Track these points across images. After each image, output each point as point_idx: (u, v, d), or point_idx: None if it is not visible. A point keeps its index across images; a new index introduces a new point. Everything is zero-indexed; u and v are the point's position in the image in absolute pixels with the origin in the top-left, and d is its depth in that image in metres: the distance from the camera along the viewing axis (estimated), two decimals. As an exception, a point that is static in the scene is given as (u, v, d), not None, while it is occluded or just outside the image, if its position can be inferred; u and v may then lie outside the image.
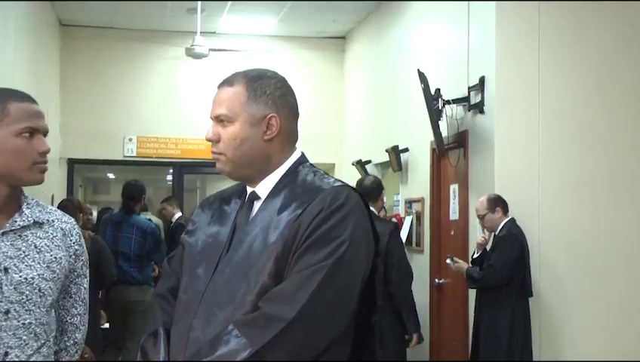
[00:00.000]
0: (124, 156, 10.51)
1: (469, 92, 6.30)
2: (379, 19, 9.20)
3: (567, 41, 6.04)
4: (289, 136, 2.09)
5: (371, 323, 2.05)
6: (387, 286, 5.27)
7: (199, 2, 8.37)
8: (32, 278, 2.14)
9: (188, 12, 9.26)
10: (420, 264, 7.17)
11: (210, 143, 2.08)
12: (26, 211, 2.20)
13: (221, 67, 8.33)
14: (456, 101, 6.42)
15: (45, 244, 2.21)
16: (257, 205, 2.06)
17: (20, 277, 2.13)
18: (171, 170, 11.26)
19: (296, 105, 2.13)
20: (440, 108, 6.41)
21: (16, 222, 2.17)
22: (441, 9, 7.15)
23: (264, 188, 2.07)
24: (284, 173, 2.07)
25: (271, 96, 2.05)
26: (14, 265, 2.13)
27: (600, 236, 5.96)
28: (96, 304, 6.35)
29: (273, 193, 2.05)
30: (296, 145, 2.14)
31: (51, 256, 2.21)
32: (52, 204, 8.03)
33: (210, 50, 8.89)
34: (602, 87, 6.05)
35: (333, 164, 10.74)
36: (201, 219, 2.18)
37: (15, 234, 2.17)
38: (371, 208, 5.31)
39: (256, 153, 2.04)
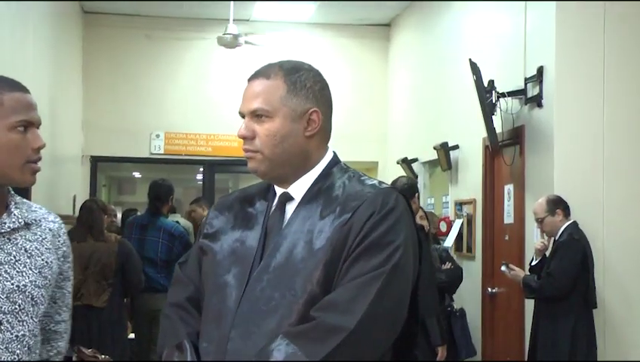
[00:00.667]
0: (151, 153, 10.61)
1: (525, 83, 6.27)
2: (426, 5, 9.19)
3: (637, 25, 5.96)
4: (326, 134, 2.12)
5: (413, 332, 2.08)
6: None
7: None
8: (25, 286, 2.09)
9: (220, -2, 9.32)
10: (471, 271, 7.14)
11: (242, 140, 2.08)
12: (15, 211, 2.14)
13: (255, 57, 8.36)
14: (511, 94, 6.38)
15: (36, 248, 2.15)
16: (291, 207, 2.07)
17: (12, 284, 2.07)
18: (202, 169, 11.35)
19: (332, 101, 2.14)
20: (494, 101, 6.39)
21: (5, 223, 2.10)
22: (495, -7, 7.12)
23: (298, 189, 2.07)
24: (320, 174, 2.09)
25: (311, 90, 2.06)
26: (5, 271, 2.07)
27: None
28: (123, 313, 6.40)
29: (309, 195, 2.06)
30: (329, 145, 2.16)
31: (42, 260, 2.15)
32: (74, 205, 8.13)
33: (244, 38, 8.90)
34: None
35: (377, 163, 10.76)
36: (220, 222, 2.17)
37: (4, 237, 2.11)
38: None
39: (295, 151, 2.05)
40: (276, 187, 2.11)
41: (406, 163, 9.09)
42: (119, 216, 9.49)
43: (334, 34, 10.68)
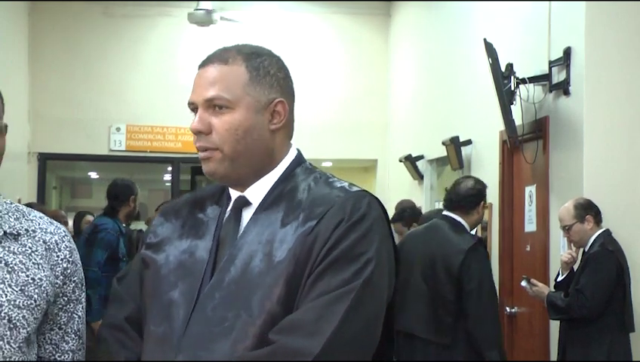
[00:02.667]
0: (111, 150, 10.68)
1: (550, 68, 6.29)
2: (433, -24, 9.23)
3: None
4: (291, 129, 2.15)
5: (386, 357, 2.09)
6: (464, 322, 5.08)
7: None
8: (0, 305, 2.07)
9: (190, -33, 9.34)
10: (486, 288, 7.16)
11: (193, 137, 2.11)
12: None
13: (232, 37, 8.36)
14: (533, 80, 6.41)
15: (20, 262, 2.12)
16: (247, 214, 2.08)
17: None
18: (170, 168, 11.37)
19: (294, 91, 2.17)
20: (513, 89, 6.42)
21: None
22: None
23: (256, 192, 2.09)
24: (282, 175, 2.11)
25: (275, 78, 2.09)
26: None
27: None
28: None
29: (269, 199, 2.07)
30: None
31: (27, 276, 2.12)
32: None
33: (220, 18, 8.93)
34: None
35: (375, 161, 10.81)
36: (166, 230, 2.18)
37: None
38: (464, 223, 5.32)
39: (259, 148, 2.07)
40: (231, 190, 2.13)
41: (410, 161, 9.14)
42: (70, 223, 9.49)
43: (328, 10, 10.74)
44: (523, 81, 6.42)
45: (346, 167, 11.21)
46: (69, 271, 2.22)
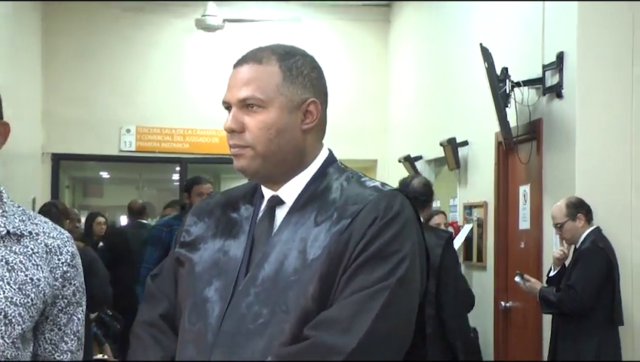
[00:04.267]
0: (121, 151, 10.67)
1: (544, 72, 6.28)
2: (432, -17, 9.22)
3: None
4: (323, 128, 2.11)
5: (419, 355, 2.06)
6: (439, 312, 5.11)
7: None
8: None
9: (198, -25, 9.34)
10: (482, 283, 7.18)
11: (226, 135, 2.05)
12: (0, 220, 2.14)
13: (239, 42, 8.38)
14: (527, 83, 6.40)
15: (20, 261, 2.12)
16: (281, 213, 2.05)
17: None
18: (178, 168, 11.37)
19: (327, 91, 2.13)
20: (507, 91, 6.40)
21: None
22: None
23: (290, 191, 2.05)
24: (314, 174, 2.07)
25: (308, 78, 2.04)
26: None
27: None
28: (87, 330, 6.39)
29: (302, 198, 2.04)
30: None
31: (26, 276, 2.12)
32: (33, 209, 8.15)
33: (225, 20, 8.93)
34: None
35: (375, 161, 10.83)
36: (200, 230, 2.16)
37: None
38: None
39: (291, 147, 2.03)
40: (264, 189, 2.09)
41: (409, 161, 9.13)
42: (83, 220, 9.51)
43: (328, 15, 10.75)
44: (518, 84, 6.40)
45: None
46: (68, 274, 2.21)
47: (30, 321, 2.12)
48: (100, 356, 7.55)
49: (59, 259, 2.18)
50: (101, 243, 9.16)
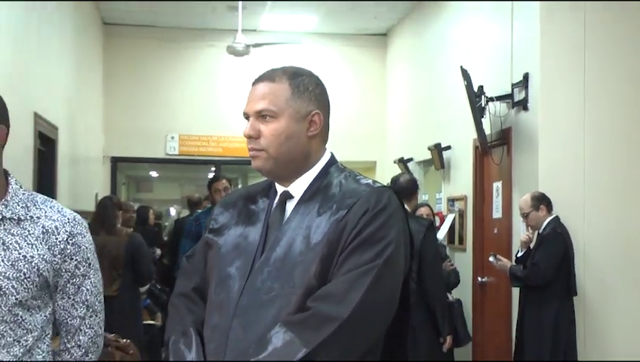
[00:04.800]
0: (167, 154, 10.66)
1: (512, 89, 6.27)
2: (420, 16, 9.20)
3: (615, 35, 5.97)
4: (325, 135, 2.09)
5: (403, 323, 2.05)
6: (421, 285, 5.09)
7: (240, 0, 8.45)
8: None
9: (229, 10, 9.35)
10: (462, 262, 7.17)
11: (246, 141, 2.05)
12: (0, 208, 2.10)
13: (262, 65, 8.38)
14: (499, 98, 6.38)
15: (15, 242, 2.09)
16: (290, 205, 2.04)
17: None
18: (213, 168, 11.36)
19: (330, 105, 2.12)
20: (483, 105, 6.40)
21: None
22: (484, 3, 7.13)
23: (298, 187, 2.04)
24: (318, 173, 2.05)
25: (313, 93, 2.03)
26: None
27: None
28: (135, 301, 6.42)
29: (308, 193, 2.03)
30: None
31: (19, 254, 2.08)
32: (96, 202, 8.25)
33: (252, 46, 8.93)
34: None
35: (375, 163, 10.78)
36: (225, 218, 2.14)
37: None
38: (406, 207, 5.30)
39: (298, 150, 2.01)
40: (277, 185, 2.08)
41: (402, 162, 9.09)
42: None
43: (337, 43, 10.71)
44: (491, 99, 6.40)
45: (351, 167, 11.06)
46: (68, 251, 2.14)
47: (25, 292, 2.08)
48: (152, 322, 7.57)
49: (56, 238, 2.12)
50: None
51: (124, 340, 6.01)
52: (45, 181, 6.60)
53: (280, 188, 2.07)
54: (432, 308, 5.12)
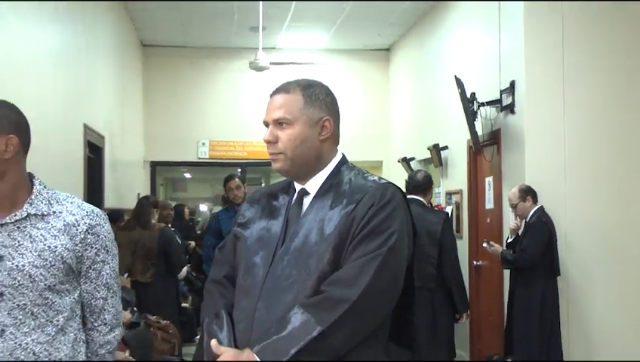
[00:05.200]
0: (198, 158, 10.66)
1: (501, 95, 6.26)
2: (418, 33, 9.19)
3: (591, 48, 5.95)
4: (336, 138, 2.08)
5: (408, 303, 2.03)
6: (441, 270, 5.10)
7: (261, 21, 8.46)
8: (23, 266, 2.07)
9: (250, 30, 9.36)
10: (459, 248, 7.06)
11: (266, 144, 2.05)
12: (26, 206, 2.12)
13: (280, 78, 8.39)
14: (489, 103, 6.38)
15: (40, 234, 2.11)
16: (307, 201, 2.03)
17: (12, 264, 2.06)
18: (239, 170, 11.39)
19: (339, 111, 2.11)
20: (475, 110, 6.40)
21: (15, 216, 2.10)
22: (474, 21, 7.12)
23: (313, 185, 2.03)
24: (331, 172, 2.04)
25: (324, 102, 2.03)
26: (9, 253, 2.07)
27: (619, 222, 5.88)
28: (170, 286, 6.43)
29: (322, 190, 2.02)
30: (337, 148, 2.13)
31: (44, 245, 2.10)
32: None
33: (271, 63, 8.95)
34: (620, 89, 5.95)
35: (381, 162, 10.77)
36: (251, 213, 2.13)
37: (14, 225, 2.10)
38: (422, 200, 5.23)
39: (312, 152, 2.01)
40: (295, 183, 2.07)
41: (405, 161, 9.07)
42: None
43: (345, 57, 10.70)
44: (482, 104, 6.40)
45: (360, 165, 11.04)
46: (88, 240, 2.15)
47: (53, 278, 2.10)
48: (185, 305, 7.62)
49: (77, 230, 2.14)
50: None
51: (164, 321, 6.06)
52: (94, 184, 6.65)
53: (298, 186, 2.06)
54: (450, 290, 5.13)
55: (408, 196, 4.53)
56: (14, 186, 2.12)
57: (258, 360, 1.81)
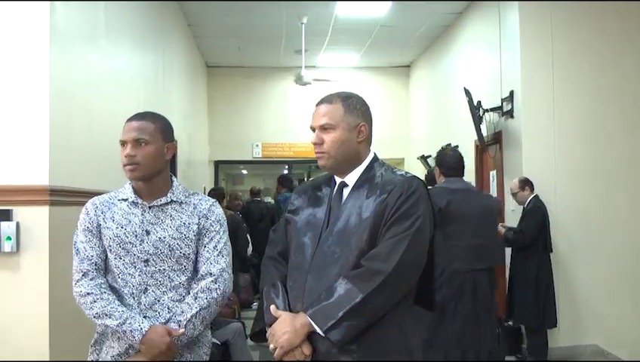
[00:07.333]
0: (253, 157, 10.70)
1: (502, 102, 6.24)
2: (434, 52, 9.14)
3: (577, 65, 5.91)
4: (370, 140, 2.06)
5: (429, 274, 2.01)
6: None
7: (303, 44, 8.51)
8: (164, 238, 2.16)
9: (295, 52, 9.43)
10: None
11: (313, 146, 2.04)
12: (168, 194, 2.24)
13: (320, 92, 8.41)
14: (492, 109, 6.37)
15: (177, 214, 2.21)
16: (346, 191, 2.01)
17: (156, 236, 2.16)
18: (287, 167, 11.45)
19: (372, 117, 2.10)
20: (481, 115, 6.39)
21: (160, 201, 2.21)
22: (479, 42, 7.08)
23: (351, 178, 2.01)
24: (366, 168, 2.02)
25: (360, 110, 2.01)
26: (154, 229, 2.17)
27: (599, 206, 5.85)
28: (236, 263, 6.54)
29: (358, 182, 2.00)
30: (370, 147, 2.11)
31: (181, 222, 2.20)
32: (205, 193, 8.42)
33: (313, 79, 9.00)
34: (602, 98, 5.91)
35: (403, 158, 10.73)
36: (299, 202, 2.10)
37: (159, 208, 2.20)
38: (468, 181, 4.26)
39: (350, 152, 1.99)
40: (336, 177, 2.05)
41: (423, 158, 9.04)
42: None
43: (372, 73, 10.67)
44: (487, 110, 6.39)
45: (386, 162, 10.88)
46: (208, 215, 2.23)
47: (187, 247, 2.18)
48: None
49: (200, 212, 2.23)
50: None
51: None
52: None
53: (338, 179, 2.05)
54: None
55: (454, 178, 4.05)
56: (164, 180, 2.25)
57: (311, 321, 1.82)
